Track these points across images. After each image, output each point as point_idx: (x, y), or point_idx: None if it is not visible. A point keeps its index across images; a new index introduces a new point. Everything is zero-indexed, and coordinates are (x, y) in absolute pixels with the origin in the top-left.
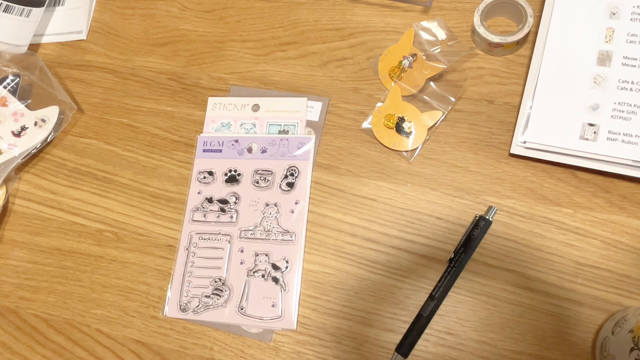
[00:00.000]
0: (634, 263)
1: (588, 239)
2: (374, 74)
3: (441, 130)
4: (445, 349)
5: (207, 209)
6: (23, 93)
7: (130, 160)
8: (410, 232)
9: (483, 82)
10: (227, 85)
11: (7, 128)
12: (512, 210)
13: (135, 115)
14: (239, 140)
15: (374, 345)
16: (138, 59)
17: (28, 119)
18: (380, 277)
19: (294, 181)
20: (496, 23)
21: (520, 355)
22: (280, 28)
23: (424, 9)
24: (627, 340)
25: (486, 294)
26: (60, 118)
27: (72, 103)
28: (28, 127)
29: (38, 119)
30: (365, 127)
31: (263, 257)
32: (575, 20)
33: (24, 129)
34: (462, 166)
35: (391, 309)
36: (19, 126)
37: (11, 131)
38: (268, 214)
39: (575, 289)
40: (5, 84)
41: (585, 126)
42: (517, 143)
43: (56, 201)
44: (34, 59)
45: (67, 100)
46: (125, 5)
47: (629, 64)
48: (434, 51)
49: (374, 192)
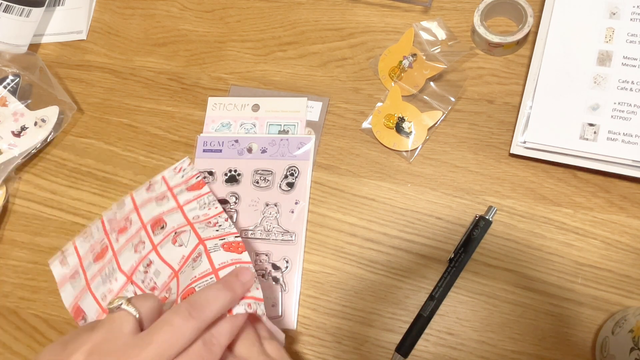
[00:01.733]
0: (634, 263)
1: (588, 239)
2: (374, 74)
3: (441, 130)
4: (445, 349)
5: None
6: (23, 93)
7: (130, 160)
8: (410, 232)
9: (483, 82)
10: (227, 85)
11: (7, 128)
12: (512, 210)
13: (135, 115)
14: (239, 140)
15: (374, 345)
16: (138, 59)
17: (28, 119)
18: (380, 277)
19: (294, 181)
20: (496, 23)
21: (520, 355)
22: (280, 28)
23: (424, 9)
24: (627, 340)
25: (486, 294)
26: (60, 118)
27: (72, 103)
28: (28, 127)
29: (38, 119)
30: (365, 127)
31: (263, 257)
32: (575, 20)
33: (24, 129)
34: (462, 166)
35: (391, 309)
36: (19, 126)
37: (11, 131)
38: (268, 214)
39: (575, 289)
40: (5, 84)
41: (585, 126)
42: (517, 143)
43: (56, 201)
44: (34, 59)
45: (67, 100)
46: (125, 5)
47: (629, 64)
48: (434, 51)
49: (374, 192)
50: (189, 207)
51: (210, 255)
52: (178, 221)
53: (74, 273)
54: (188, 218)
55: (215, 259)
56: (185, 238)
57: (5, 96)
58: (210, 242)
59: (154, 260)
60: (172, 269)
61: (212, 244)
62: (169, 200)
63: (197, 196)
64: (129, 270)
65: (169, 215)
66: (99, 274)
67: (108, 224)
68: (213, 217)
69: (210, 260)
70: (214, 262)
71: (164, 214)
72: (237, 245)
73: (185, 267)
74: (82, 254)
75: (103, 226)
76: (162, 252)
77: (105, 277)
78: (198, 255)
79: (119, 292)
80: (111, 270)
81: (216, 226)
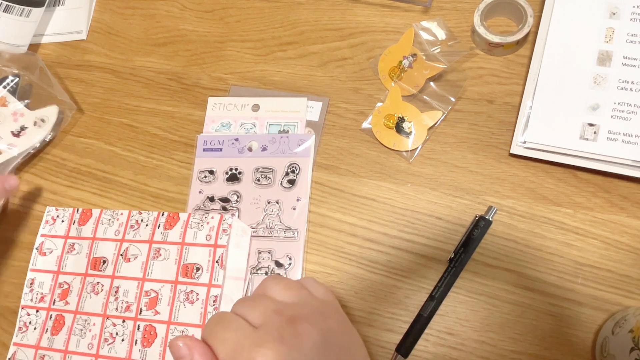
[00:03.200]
0: (634, 263)
1: (588, 239)
2: (374, 74)
3: (441, 130)
4: (445, 349)
5: (208, 207)
6: (23, 93)
7: (130, 160)
8: (410, 232)
9: (483, 82)
10: (227, 85)
11: (6, 128)
12: (512, 210)
13: (135, 115)
14: (239, 138)
15: (374, 345)
16: (138, 59)
17: (27, 118)
18: (380, 277)
19: (295, 178)
20: (496, 23)
21: (520, 355)
22: (280, 28)
23: (424, 9)
24: (627, 340)
25: (486, 294)
26: (60, 118)
27: (72, 103)
28: (27, 127)
29: (37, 119)
30: (365, 127)
31: (266, 255)
32: (575, 20)
33: (23, 129)
34: (462, 166)
35: (391, 309)
36: (18, 126)
37: (10, 131)
38: (270, 212)
39: (575, 289)
40: (5, 84)
41: (585, 126)
42: (517, 143)
43: (56, 201)
44: (33, 59)
45: (67, 100)
46: (125, 5)
47: (629, 64)
48: (434, 51)
49: (374, 192)
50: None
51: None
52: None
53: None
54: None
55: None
56: (136, 250)
57: (5, 96)
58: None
59: (120, 284)
60: (136, 279)
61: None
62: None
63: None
64: (101, 310)
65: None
66: (70, 336)
67: (37, 303)
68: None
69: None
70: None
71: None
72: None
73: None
74: (33, 343)
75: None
76: (122, 272)
77: (79, 332)
78: (156, 251)
79: (101, 334)
80: (82, 323)
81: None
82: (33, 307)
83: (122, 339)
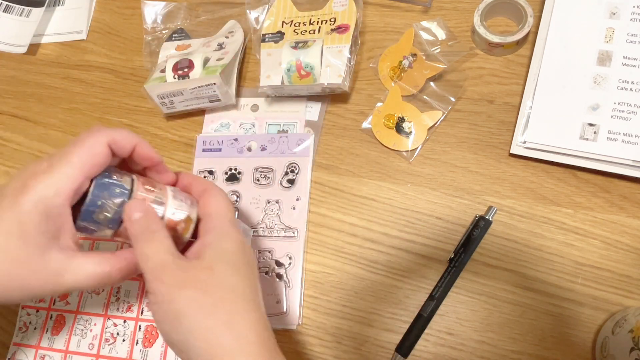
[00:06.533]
0: (634, 263)
1: (588, 239)
2: (374, 74)
3: (441, 130)
4: (445, 349)
5: None
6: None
7: None
8: (410, 232)
9: (483, 82)
10: None
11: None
12: (512, 210)
13: (135, 115)
14: (238, 138)
15: (374, 345)
16: (138, 59)
17: (216, 39)
18: (380, 277)
19: (295, 177)
20: (496, 23)
21: (520, 355)
22: None
23: (424, 9)
24: (627, 340)
25: (486, 294)
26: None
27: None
28: (223, 42)
29: (226, 33)
30: (365, 127)
31: (266, 254)
32: (575, 20)
33: (221, 47)
34: (462, 166)
35: (391, 309)
36: (216, 44)
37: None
38: (270, 211)
39: (575, 289)
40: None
41: (585, 126)
42: (517, 143)
43: None
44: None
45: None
46: (125, 5)
47: (629, 64)
48: (434, 51)
49: (374, 192)
50: None
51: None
52: None
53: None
54: None
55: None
56: None
57: None
58: None
59: (121, 284)
60: (138, 279)
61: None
62: None
63: None
64: (102, 310)
65: None
66: (71, 336)
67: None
68: None
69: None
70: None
71: None
72: None
73: None
74: (33, 343)
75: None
76: None
77: (80, 332)
78: None
79: (102, 334)
80: (83, 323)
81: None
82: (33, 307)
83: (123, 339)
